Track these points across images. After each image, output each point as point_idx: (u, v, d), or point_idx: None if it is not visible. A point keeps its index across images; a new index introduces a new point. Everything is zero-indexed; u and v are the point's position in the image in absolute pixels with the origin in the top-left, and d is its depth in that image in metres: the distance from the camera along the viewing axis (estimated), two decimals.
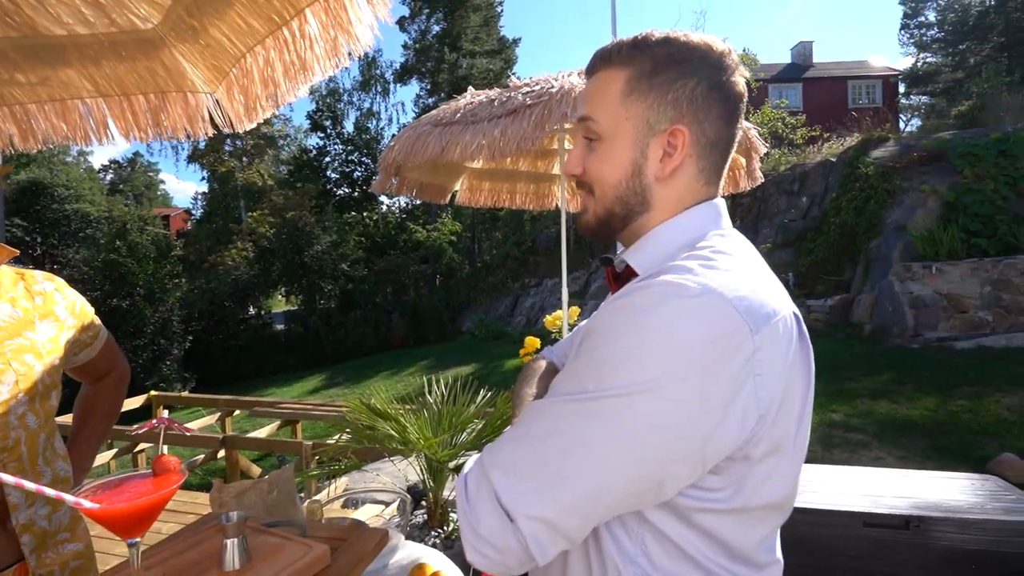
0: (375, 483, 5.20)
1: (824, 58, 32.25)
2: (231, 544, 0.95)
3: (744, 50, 14.53)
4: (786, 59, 26.45)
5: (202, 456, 6.70)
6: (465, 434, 2.75)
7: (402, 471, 5.33)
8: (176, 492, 0.80)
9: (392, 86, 27.06)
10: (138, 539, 0.81)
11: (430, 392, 2.89)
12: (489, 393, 2.98)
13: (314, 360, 16.13)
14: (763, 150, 2.26)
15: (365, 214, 22.91)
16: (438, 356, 14.58)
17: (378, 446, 2.76)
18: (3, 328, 1.07)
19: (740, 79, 0.73)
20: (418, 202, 24.02)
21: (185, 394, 9.15)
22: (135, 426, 0.96)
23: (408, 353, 15.79)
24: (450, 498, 2.89)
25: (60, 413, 1.19)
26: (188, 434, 0.86)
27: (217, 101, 1.48)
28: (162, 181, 41.99)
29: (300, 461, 5.81)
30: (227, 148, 25.32)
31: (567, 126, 2.11)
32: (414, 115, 25.41)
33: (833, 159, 11.61)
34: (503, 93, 2.08)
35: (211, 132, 1.52)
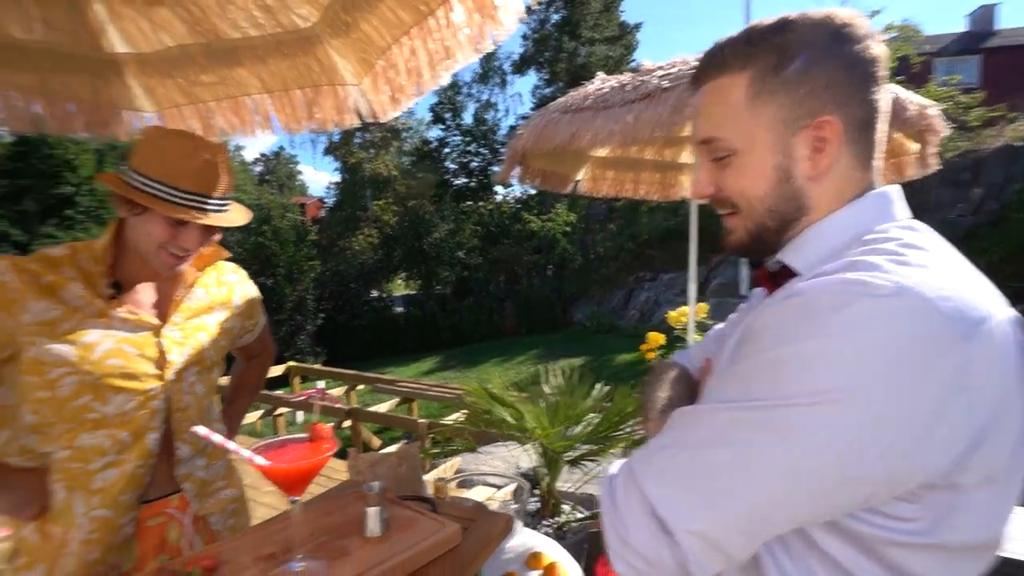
0: (486, 466, 5.36)
1: (1014, 23, 27.57)
2: (372, 512, 1.01)
3: (904, 21, 12.82)
4: (960, 27, 23.04)
5: (331, 425, 7.37)
6: (581, 426, 2.75)
7: (515, 456, 5.44)
8: (329, 459, 0.86)
9: (510, 77, 27.49)
10: (298, 497, 0.88)
11: (546, 382, 2.91)
12: (607, 387, 2.94)
13: (429, 343, 16.95)
14: (943, 131, 1.97)
15: (481, 203, 23.57)
16: (548, 346, 14.69)
17: (494, 430, 2.84)
18: (192, 309, 1.24)
19: (872, 42, 0.63)
20: (533, 192, 24.26)
21: (317, 366, 10.05)
22: (295, 393, 1.08)
23: (519, 341, 16.07)
24: (563, 489, 2.90)
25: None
26: (336, 406, 0.92)
27: (363, 93, 1.57)
28: (300, 172, 46.15)
29: (416, 437, 6.16)
30: (356, 140, 27.23)
31: None
32: (532, 105, 25.60)
33: (1019, 143, 9.96)
34: (636, 77, 2.01)
35: (357, 122, 1.62)
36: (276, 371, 7.42)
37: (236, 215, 1.15)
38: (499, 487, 4.04)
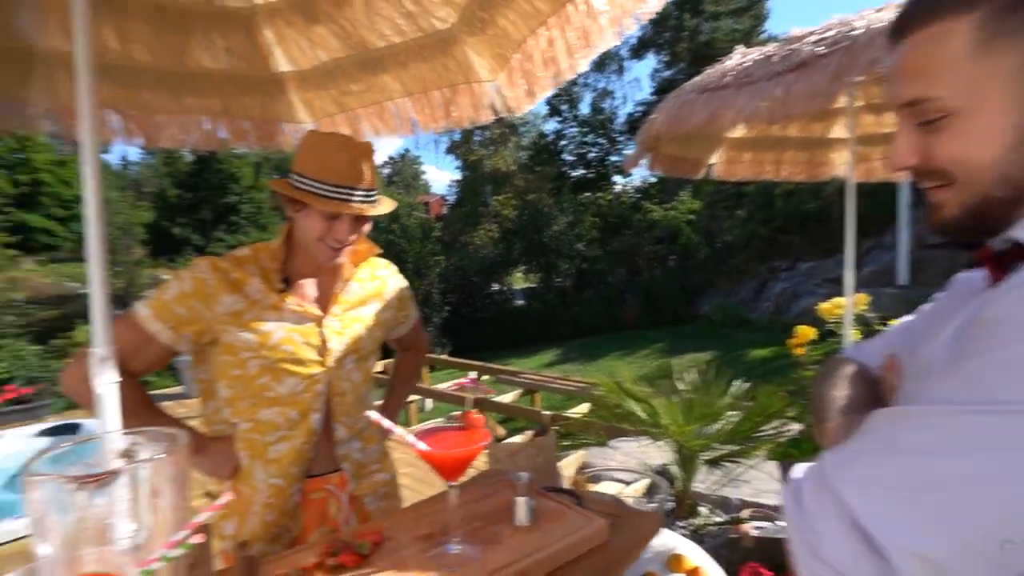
0: (613, 461, 5.28)
1: None
2: (523, 502, 1.02)
3: None
4: None
5: (458, 413, 7.72)
6: (718, 425, 2.60)
7: (642, 452, 5.31)
8: (485, 448, 0.89)
9: (627, 63, 26.72)
10: (455, 482, 0.91)
11: (678, 377, 2.79)
12: (747, 384, 2.75)
13: (549, 335, 17.06)
14: None
15: (599, 194, 23.24)
16: (672, 339, 14.13)
17: (625, 425, 2.78)
18: (349, 301, 1.32)
19: None
20: (653, 180, 23.43)
21: (444, 357, 10.58)
22: (448, 384, 1.13)
23: (641, 334, 15.64)
24: (697, 490, 2.77)
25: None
26: (490, 397, 0.94)
27: (498, 88, 1.59)
28: (424, 172, 48.67)
29: (540, 429, 6.24)
30: (476, 138, 28.10)
31: (859, 79, 1.76)
32: (651, 90, 24.68)
33: None
34: (783, 47, 1.83)
35: (492, 118, 1.65)
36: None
37: (382, 205, 1.23)
38: (628, 483, 3.96)
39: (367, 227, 1.25)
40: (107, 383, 0.86)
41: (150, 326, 1.14)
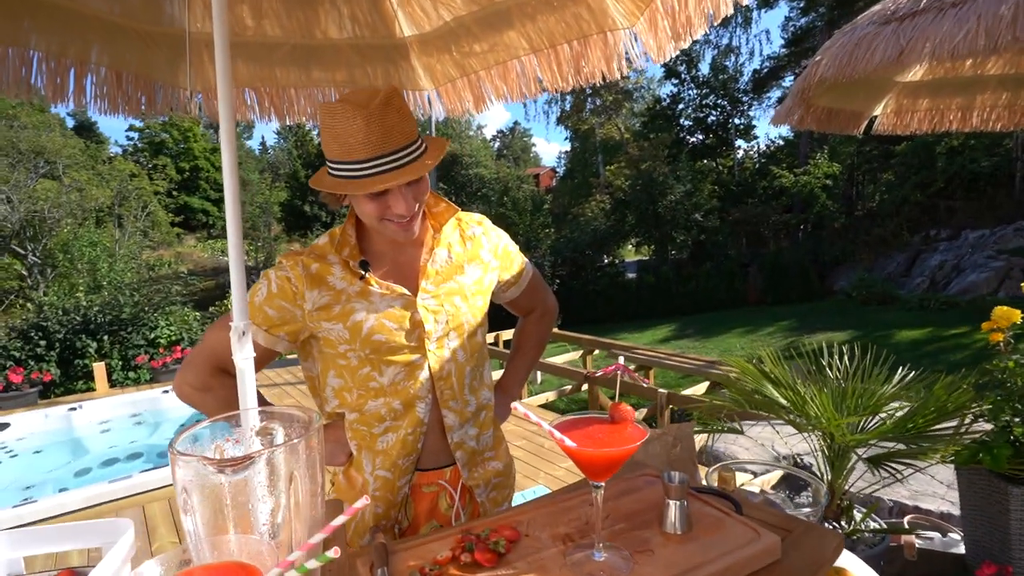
0: (735, 446, 4.94)
1: None
2: (676, 506, 0.89)
3: None
4: None
5: (569, 387, 7.67)
6: (878, 419, 2.27)
7: (769, 439, 4.92)
8: (637, 448, 0.76)
9: (755, 14, 24.42)
10: (602, 484, 0.81)
11: (828, 362, 2.47)
12: (918, 373, 2.38)
13: (663, 310, 16.50)
14: None
15: (719, 161, 21.75)
16: (802, 317, 13.05)
17: (761, 412, 2.53)
18: (440, 273, 1.19)
19: None
20: (781, 143, 21.47)
21: (555, 331, 10.58)
22: (597, 370, 1.03)
23: (765, 311, 14.62)
24: (850, 489, 2.46)
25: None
26: (644, 384, 0.81)
27: (635, 35, 1.41)
28: (534, 144, 48.49)
29: (654, 408, 6.01)
30: (588, 107, 27.37)
31: None
32: (781, 42, 22.45)
33: None
34: None
35: (626, 71, 1.48)
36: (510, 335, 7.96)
37: (430, 153, 1.06)
38: (757, 474, 3.67)
39: (425, 187, 1.08)
40: (246, 357, 0.85)
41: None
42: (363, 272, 1.12)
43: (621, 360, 0.86)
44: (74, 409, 5.87)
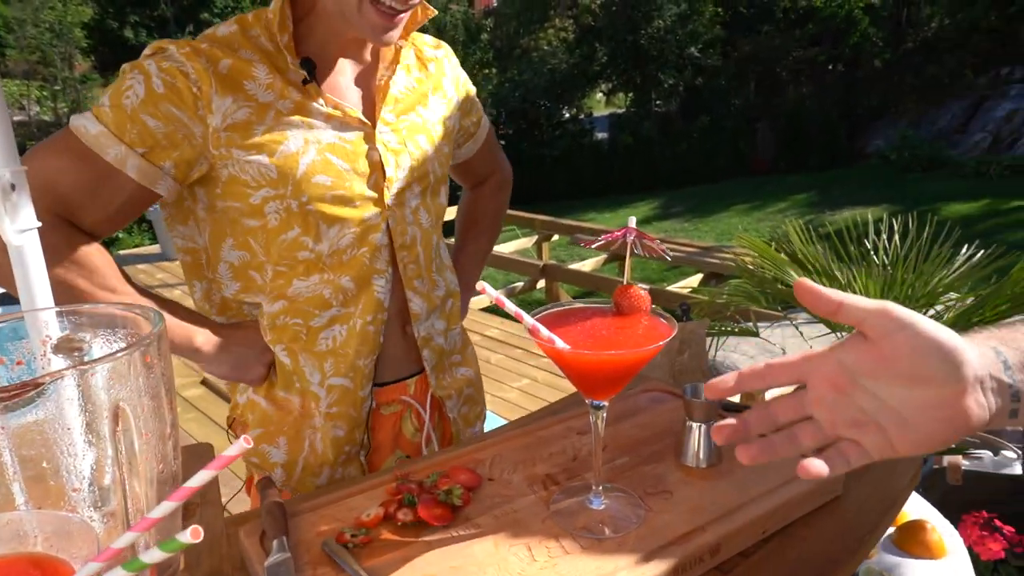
0: (736, 353, 5.19)
1: None
2: (699, 432, 0.86)
3: None
4: None
5: (520, 284, 7.75)
6: (934, 310, 2.38)
7: (789, 343, 5.17)
8: (656, 353, 0.70)
9: None
10: (605, 403, 0.75)
11: (874, 240, 2.53)
12: (976, 253, 2.47)
13: (644, 181, 16.67)
14: None
15: None
16: (823, 189, 13.51)
17: (780, 309, 2.60)
18: (399, 100, 1.15)
19: None
20: None
21: None
22: (599, 238, 0.94)
23: (777, 180, 15.02)
24: None
25: None
26: (664, 255, 0.74)
27: None
28: None
29: (681, 311, 6.16)
30: None
31: None
32: None
33: None
34: None
35: None
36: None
37: None
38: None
39: None
40: (22, 228, 0.69)
41: (108, 151, 0.95)
42: (307, 76, 1.03)
43: (632, 222, 0.78)
44: None
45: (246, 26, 1.04)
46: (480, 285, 0.74)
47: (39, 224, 0.72)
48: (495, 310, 6.14)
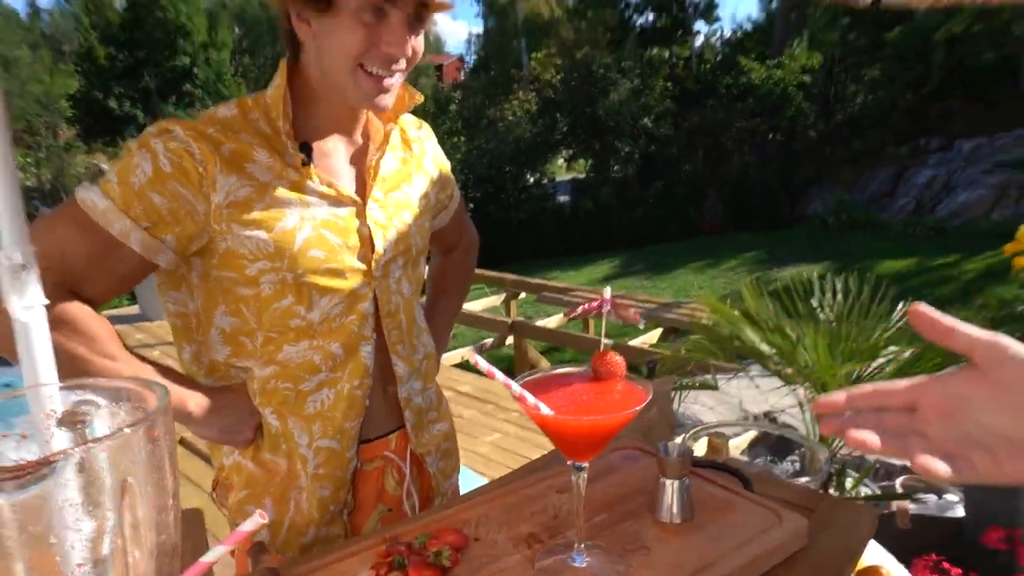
0: (697, 404, 5.21)
1: None
2: (673, 488, 0.87)
3: None
4: None
5: (489, 340, 7.72)
6: (876, 364, 2.42)
7: (739, 395, 5.21)
8: (634, 417, 0.71)
9: None
10: (585, 464, 0.75)
11: (819, 297, 2.58)
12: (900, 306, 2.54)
13: (604, 241, 16.90)
14: None
15: (674, 49, 22.00)
16: (770, 247, 13.84)
17: (738, 363, 2.62)
18: (387, 179, 1.18)
19: None
20: (749, 28, 22.01)
21: None
22: (578, 308, 0.95)
23: (727, 240, 15.36)
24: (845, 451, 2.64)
25: None
26: (638, 323, 0.76)
27: None
28: (434, 23, 46.72)
29: (649, 367, 6.17)
30: None
31: None
32: None
33: None
34: None
35: None
36: None
37: None
38: (728, 436, 3.88)
39: (422, 44, 1.04)
40: (30, 305, 0.68)
41: (115, 225, 0.96)
42: (306, 158, 1.05)
43: (607, 292, 0.80)
44: None
45: (246, 110, 1.06)
46: (474, 359, 0.74)
47: (47, 301, 0.71)
48: (467, 366, 6.09)
